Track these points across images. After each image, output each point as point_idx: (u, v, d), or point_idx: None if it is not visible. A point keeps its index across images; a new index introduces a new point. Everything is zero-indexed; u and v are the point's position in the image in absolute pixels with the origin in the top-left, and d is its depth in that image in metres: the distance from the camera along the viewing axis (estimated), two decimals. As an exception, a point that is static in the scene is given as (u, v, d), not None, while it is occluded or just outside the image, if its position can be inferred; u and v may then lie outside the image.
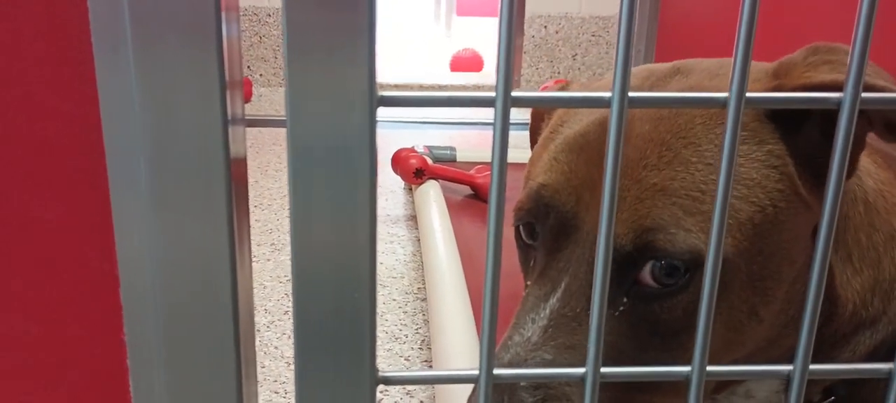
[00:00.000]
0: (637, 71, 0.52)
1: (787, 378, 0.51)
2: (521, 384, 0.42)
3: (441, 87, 3.23)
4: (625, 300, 0.45)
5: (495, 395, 0.42)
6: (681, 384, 0.41)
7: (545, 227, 0.48)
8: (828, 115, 0.46)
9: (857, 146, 0.47)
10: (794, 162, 0.46)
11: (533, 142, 0.64)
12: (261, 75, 3.31)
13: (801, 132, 0.46)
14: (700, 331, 0.31)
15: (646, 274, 0.44)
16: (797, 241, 0.46)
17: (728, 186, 0.29)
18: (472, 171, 1.70)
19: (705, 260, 0.42)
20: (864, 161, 0.53)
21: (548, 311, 0.44)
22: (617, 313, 0.45)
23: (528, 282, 0.50)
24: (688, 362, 0.45)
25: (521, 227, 0.51)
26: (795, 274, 0.47)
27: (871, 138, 0.50)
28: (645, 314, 0.44)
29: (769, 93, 0.45)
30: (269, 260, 1.49)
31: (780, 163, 0.45)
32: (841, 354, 0.53)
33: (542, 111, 0.62)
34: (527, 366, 0.42)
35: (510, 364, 0.43)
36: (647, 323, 0.44)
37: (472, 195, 1.68)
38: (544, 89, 3.11)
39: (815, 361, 0.53)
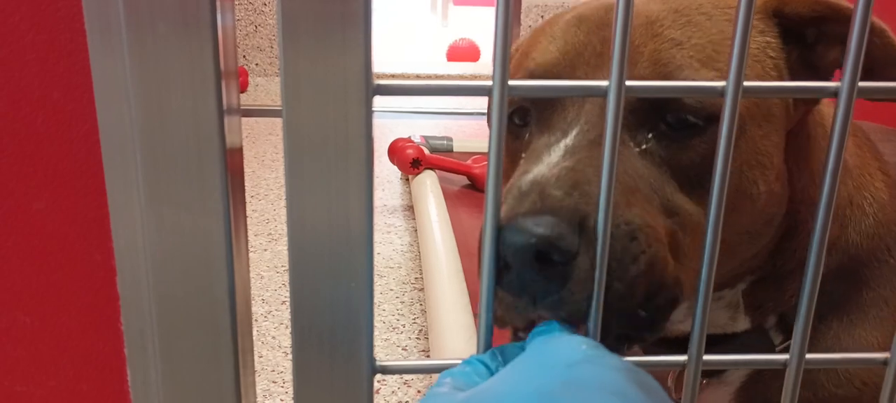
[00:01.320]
0: None
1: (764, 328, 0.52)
2: (552, 183, 0.40)
3: (437, 77, 3.23)
4: (649, 136, 0.46)
5: (523, 200, 0.39)
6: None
7: (540, 101, 0.48)
8: (812, 43, 0.49)
9: (828, 75, 0.50)
10: (786, 63, 0.49)
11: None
12: (257, 65, 3.30)
13: (798, 41, 0.49)
14: (696, 326, 0.31)
15: (668, 117, 0.46)
16: (776, 143, 0.49)
17: (726, 170, 0.29)
18: (468, 161, 1.70)
19: (717, 114, 0.43)
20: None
21: (562, 146, 0.44)
22: (639, 150, 0.46)
23: (523, 155, 0.48)
24: (702, 208, 0.46)
25: (513, 115, 0.51)
26: (778, 172, 0.49)
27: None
28: (667, 154, 0.46)
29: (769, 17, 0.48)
30: (266, 249, 1.49)
31: (774, 55, 0.48)
32: (795, 278, 0.55)
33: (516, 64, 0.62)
34: (550, 175, 0.41)
35: (534, 180, 0.41)
36: (668, 162, 0.46)
37: (468, 185, 1.68)
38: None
39: (778, 280, 0.55)
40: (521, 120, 0.50)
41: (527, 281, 0.36)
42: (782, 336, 0.56)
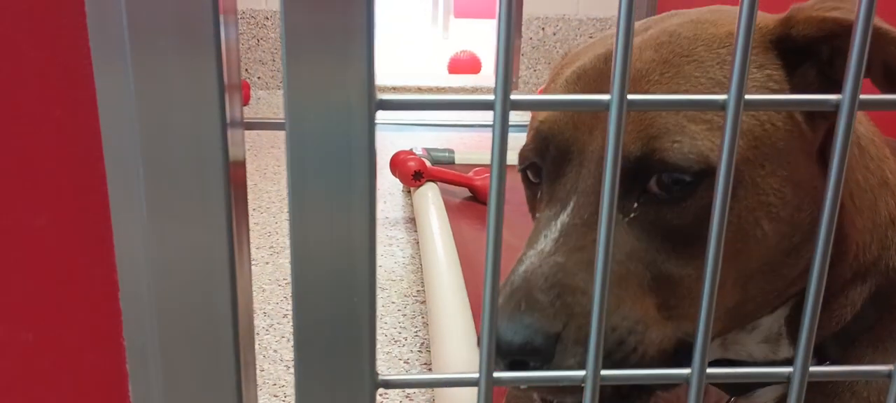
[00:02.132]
0: (636, 23, 0.53)
1: (787, 323, 0.51)
2: (538, 286, 0.42)
3: (439, 89, 3.23)
4: (635, 205, 0.46)
5: (512, 302, 0.43)
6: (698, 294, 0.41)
7: (547, 160, 0.50)
8: (827, 59, 0.48)
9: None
10: (790, 89, 0.48)
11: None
12: (259, 78, 3.31)
13: (801, 67, 0.48)
14: (700, 335, 0.31)
15: (654, 181, 0.45)
16: (798, 164, 0.48)
17: (729, 177, 0.29)
18: (470, 174, 1.70)
19: (715, 167, 0.43)
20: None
21: (559, 226, 0.46)
22: (627, 219, 0.46)
23: (538, 214, 0.51)
24: (698, 269, 0.46)
25: (527, 171, 0.52)
26: (799, 201, 0.48)
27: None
28: (656, 220, 0.45)
29: (775, 28, 0.47)
30: (268, 263, 1.49)
31: (777, 88, 0.47)
32: (838, 306, 0.53)
33: (550, 79, 0.64)
34: (540, 271, 0.44)
35: (525, 273, 0.44)
36: (658, 228, 0.45)
37: (470, 197, 1.68)
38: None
39: (821, 309, 0.53)
40: (535, 176, 0.52)
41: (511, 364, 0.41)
42: (816, 361, 0.55)
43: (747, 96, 0.28)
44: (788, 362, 0.53)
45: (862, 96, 0.28)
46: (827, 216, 0.30)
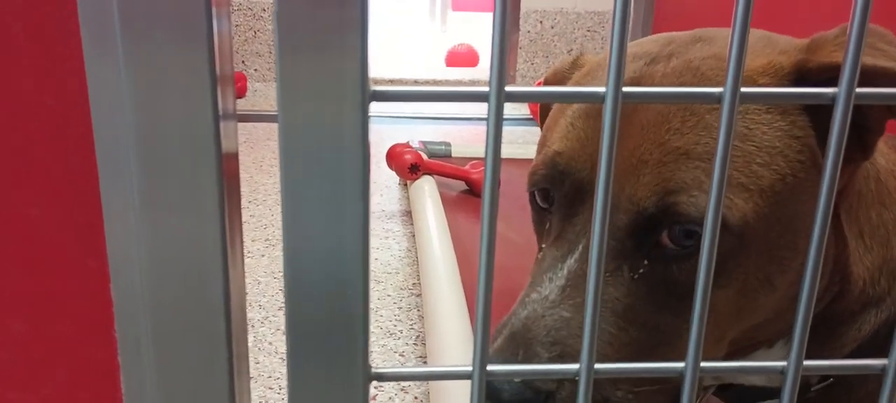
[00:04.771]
0: (657, 38, 0.52)
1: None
2: (539, 339, 0.42)
3: (436, 83, 3.23)
4: (645, 262, 0.45)
5: (511, 347, 0.42)
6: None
7: (561, 193, 0.49)
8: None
9: (877, 133, 0.46)
10: (816, 135, 0.46)
11: (543, 114, 0.65)
12: (256, 70, 3.30)
13: (824, 108, 0.46)
14: (693, 329, 0.31)
15: (666, 236, 0.44)
16: (814, 213, 0.47)
17: (723, 178, 0.29)
18: (466, 167, 1.69)
19: (730, 224, 0.42)
20: (878, 143, 0.53)
21: (565, 271, 0.45)
22: (636, 276, 0.45)
23: (544, 245, 0.50)
24: (710, 319, 0.45)
25: (536, 192, 0.51)
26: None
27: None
28: (664, 276, 0.45)
29: (791, 68, 0.45)
30: (263, 255, 1.49)
31: (802, 134, 0.45)
32: (847, 332, 0.53)
33: (552, 81, 0.63)
34: (543, 322, 0.43)
35: (527, 320, 0.43)
36: (666, 284, 0.45)
37: (467, 190, 1.68)
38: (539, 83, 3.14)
39: (822, 337, 0.53)
40: (544, 200, 0.51)
41: None
42: (819, 378, 0.55)
43: (743, 89, 0.27)
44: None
45: (859, 89, 0.28)
46: (819, 225, 0.29)
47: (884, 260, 0.52)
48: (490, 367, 0.31)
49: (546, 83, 0.64)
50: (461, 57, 3.65)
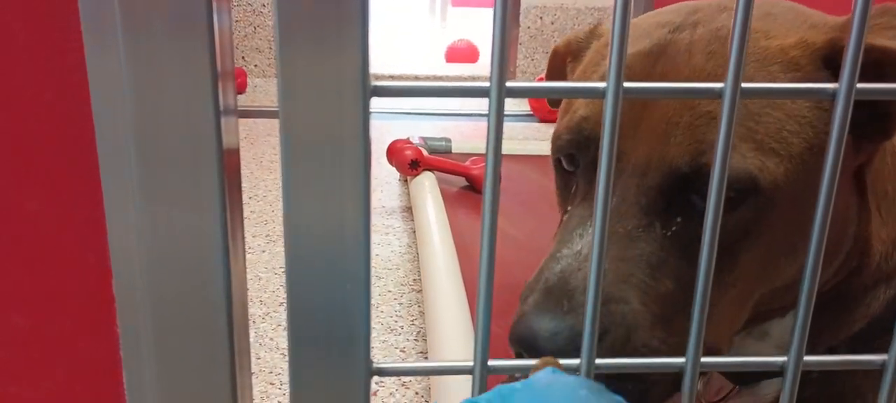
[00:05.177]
0: (679, 7, 0.51)
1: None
2: (581, 289, 0.41)
3: (436, 78, 3.23)
4: (678, 219, 0.45)
5: (552, 300, 0.41)
6: (717, 307, 0.41)
7: (587, 157, 0.49)
8: (879, 72, 0.45)
9: None
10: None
11: (550, 78, 0.64)
12: (256, 66, 3.30)
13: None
14: (694, 325, 0.31)
15: (697, 196, 0.45)
16: (838, 184, 0.47)
17: (723, 174, 0.29)
18: (467, 163, 1.69)
19: (761, 186, 0.42)
20: None
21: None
22: (669, 233, 0.45)
23: (569, 207, 0.50)
24: (732, 284, 0.45)
25: (562, 157, 0.51)
26: (833, 218, 0.48)
27: None
28: (696, 234, 0.45)
29: (824, 46, 0.45)
30: (264, 251, 1.49)
31: (830, 107, 0.45)
32: (857, 308, 0.53)
33: (564, 51, 0.62)
34: (581, 273, 0.42)
35: (563, 273, 0.43)
36: (696, 244, 0.45)
37: (467, 186, 1.68)
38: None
39: (835, 312, 0.53)
40: (570, 164, 0.51)
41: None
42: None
43: (743, 84, 0.27)
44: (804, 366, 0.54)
45: (859, 85, 0.28)
46: (823, 203, 0.30)
47: None
48: (491, 363, 0.31)
49: (556, 54, 0.63)
50: (461, 53, 3.64)
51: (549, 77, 0.65)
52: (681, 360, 0.32)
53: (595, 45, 0.56)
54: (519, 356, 0.40)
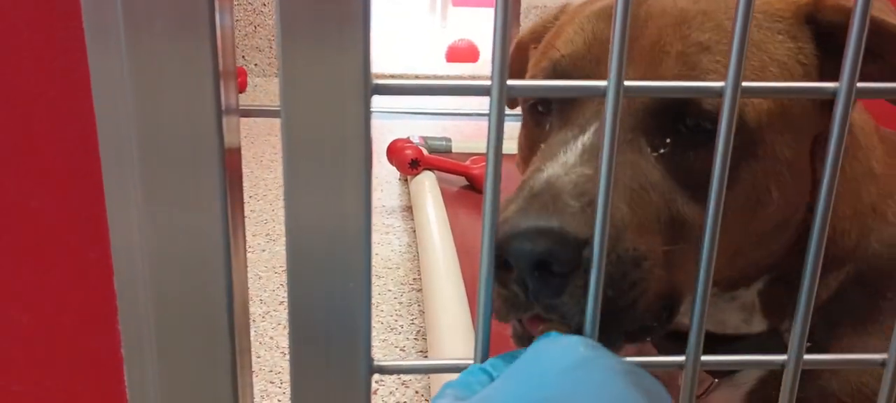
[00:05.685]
0: None
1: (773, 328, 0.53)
2: (567, 190, 0.40)
3: (437, 77, 3.23)
4: (667, 141, 0.46)
5: (537, 203, 0.39)
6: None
7: (561, 97, 0.48)
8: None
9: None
10: (819, 70, 0.48)
11: (513, 75, 0.64)
12: (256, 65, 3.30)
13: (829, 51, 0.49)
14: (694, 326, 0.31)
15: (687, 122, 0.46)
16: (805, 144, 0.49)
17: (724, 170, 0.29)
18: (467, 162, 1.69)
19: (747, 123, 0.43)
20: None
21: (580, 145, 0.44)
22: (657, 154, 0.46)
23: (542, 145, 0.48)
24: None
25: (538, 103, 0.51)
26: (798, 179, 0.49)
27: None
28: (682, 160, 0.46)
29: (808, 3, 0.47)
30: (264, 250, 1.49)
31: (807, 62, 0.48)
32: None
33: (528, 39, 0.62)
34: (567, 178, 0.41)
35: (549, 179, 0.41)
36: (683, 170, 0.46)
37: (467, 186, 1.68)
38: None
39: (793, 286, 0.54)
40: (545, 107, 0.50)
41: (528, 281, 0.37)
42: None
43: (744, 84, 0.27)
44: (762, 334, 0.54)
45: (859, 84, 0.28)
46: (823, 199, 0.30)
47: (855, 211, 0.54)
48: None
49: (519, 46, 0.63)
50: (461, 52, 3.64)
51: (511, 72, 0.65)
52: (680, 359, 0.32)
53: (562, 18, 0.56)
54: (505, 266, 0.37)
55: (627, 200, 0.42)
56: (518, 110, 0.56)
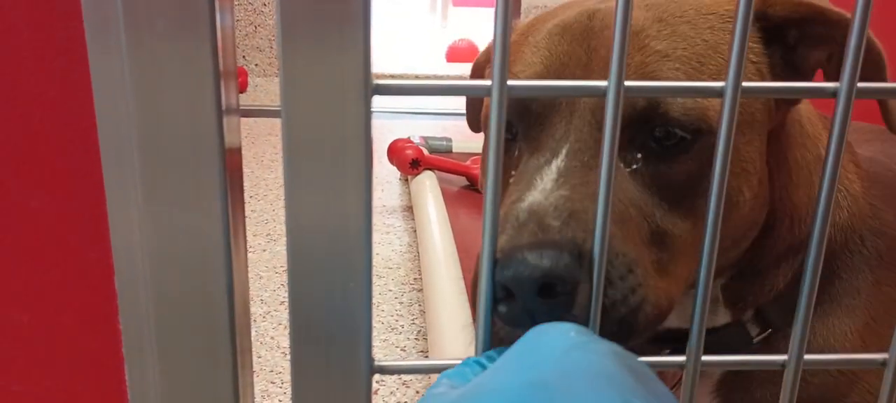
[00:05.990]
0: None
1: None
2: (549, 212, 0.41)
3: (437, 77, 3.23)
4: (638, 156, 0.46)
5: (526, 231, 0.40)
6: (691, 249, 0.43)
7: (529, 117, 0.49)
8: (793, 45, 0.50)
9: (808, 77, 0.51)
10: (768, 66, 0.50)
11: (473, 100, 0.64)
12: (256, 65, 3.30)
13: (770, 46, 0.50)
14: (694, 326, 0.31)
15: (656, 132, 0.46)
16: (758, 148, 0.50)
17: (724, 174, 0.29)
18: (468, 162, 1.69)
19: (713, 128, 0.43)
20: None
21: (554, 169, 0.45)
22: (630, 170, 0.46)
23: (513, 171, 0.49)
24: (691, 227, 0.46)
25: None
26: (760, 177, 0.50)
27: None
28: (656, 173, 0.46)
29: (758, 2, 0.48)
30: (264, 250, 1.49)
31: (756, 59, 0.49)
32: (771, 274, 0.56)
33: (484, 61, 0.63)
34: (547, 201, 0.42)
35: (530, 206, 0.42)
36: (657, 182, 0.46)
37: (468, 186, 1.68)
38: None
39: (749, 281, 0.55)
40: (508, 133, 0.51)
41: (530, 309, 0.37)
42: (759, 328, 0.57)
43: (744, 84, 0.27)
44: (725, 326, 0.55)
45: (860, 84, 0.28)
46: (824, 199, 0.30)
47: (809, 198, 0.55)
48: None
49: (476, 67, 0.64)
50: (462, 52, 3.64)
51: (470, 98, 0.66)
52: (681, 359, 0.32)
53: (512, 39, 0.57)
54: (506, 298, 0.38)
55: (611, 217, 0.43)
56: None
